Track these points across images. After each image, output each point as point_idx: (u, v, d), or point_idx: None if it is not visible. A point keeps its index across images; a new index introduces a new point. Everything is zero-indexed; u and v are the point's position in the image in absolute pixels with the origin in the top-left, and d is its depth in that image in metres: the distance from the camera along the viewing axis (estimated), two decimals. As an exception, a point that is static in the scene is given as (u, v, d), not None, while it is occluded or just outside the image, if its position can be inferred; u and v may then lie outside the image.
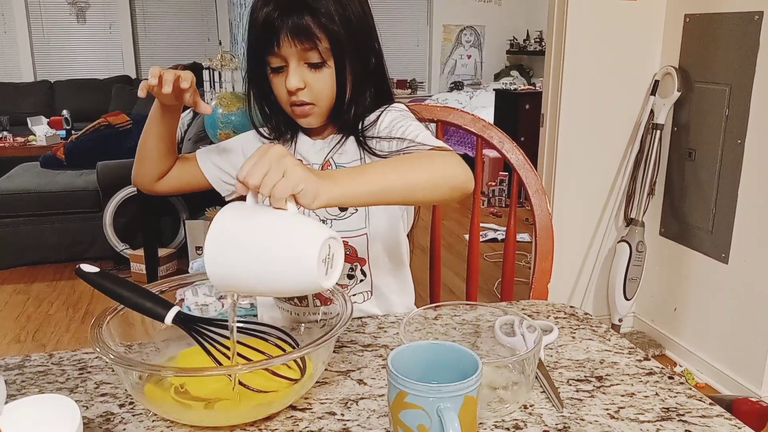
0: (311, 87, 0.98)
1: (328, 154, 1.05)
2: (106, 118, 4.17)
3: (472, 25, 6.91)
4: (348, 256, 1.05)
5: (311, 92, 0.98)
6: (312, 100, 0.99)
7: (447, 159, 0.85)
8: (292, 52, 0.95)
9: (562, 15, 2.42)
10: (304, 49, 0.95)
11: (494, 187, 4.82)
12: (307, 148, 1.09)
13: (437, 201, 0.93)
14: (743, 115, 2.15)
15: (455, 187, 0.84)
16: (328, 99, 1.00)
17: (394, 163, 0.82)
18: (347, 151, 1.05)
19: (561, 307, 1.01)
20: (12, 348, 2.73)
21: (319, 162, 1.06)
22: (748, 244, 2.19)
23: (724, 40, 2.22)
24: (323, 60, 0.96)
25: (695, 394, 0.75)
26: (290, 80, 0.96)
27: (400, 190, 0.80)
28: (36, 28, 6.31)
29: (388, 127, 1.01)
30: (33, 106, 5.90)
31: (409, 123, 0.99)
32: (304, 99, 0.99)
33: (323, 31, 0.95)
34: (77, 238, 3.65)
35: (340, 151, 1.05)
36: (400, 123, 1.00)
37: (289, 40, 0.94)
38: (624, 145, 2.56)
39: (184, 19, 6.56)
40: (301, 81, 0.97)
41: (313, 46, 0.95)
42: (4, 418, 0.60)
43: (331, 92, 0.99)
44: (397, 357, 0.64)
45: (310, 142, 1.09)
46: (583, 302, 2.65)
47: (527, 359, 0.70)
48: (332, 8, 0.95)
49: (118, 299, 0.73)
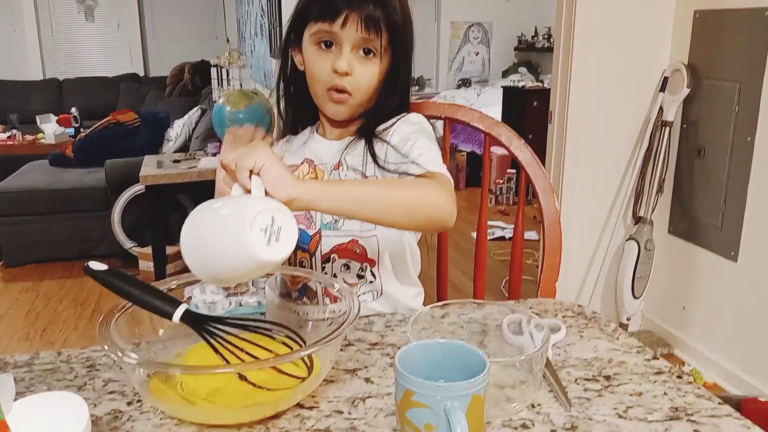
0: (356, 76, 0.98)
1: (342, 153, 1.05)
2: (115, 116, 4.19)
3: (480, 22, 6.88)
4: (358, 254, 1.04)
5: (354, 81, 0.98)
6: (352, 89, 0.99)
7: (435, 189, 0.86)
8: (353, 37, 0.96)
9: (570, 11, 2.41)
10: (364, 38, 0.96)
11: (502, 184, 4.81)
12: (322, 147, 1.08)
13: (414, 228, 0.94)
14: (753, 112, 2.13)
15: (434, 218, 0.85)
16: (366, 93, 1.00)
17: (379, 183, 0.83)
18: (357, 153, 1.05)
19: (569, 305, 1.00)
20: (21, 345, 2.75)
21: (333, 162, 1.06)
22: (757, 242, 2.17)
23: (733, 36, 2.21)
24: (378, 53, 0.97)
25: (704, 394, 0.75)
26: (341, 62, 0.96)
27: (377, 208, 0.80)
28: (45, 26, 6.34)
29: (402, 140, 1.00)
30: (42, 104, 5.94)
31: (418, 139, 0.99)
32: (345, 85, 0.98)
33: (388, 26, 0.96)
34: (86, 235, 3.67)
35: (353, 153, 1.05)
36: (411, 138, 0.99)
37: (357, 24, 0.94)
38: (633, 143, 2.55)
39: (192, 17, 6.58)
40: (350, 66, 0.97)
41: (376, 37, 0.96)
42: (13, 416, 0.61)
43: (372, 87, 1.00)
44: (405, 356, 0.64)
45: (325, 142, 1.09)
46: (591, 301, 2.64)
47: (535, 358, 0.70)
48: (398, 6, 0.97)
49: (126, 297, 0.73)
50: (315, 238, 1.05)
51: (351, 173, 1.04)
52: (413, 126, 1.03)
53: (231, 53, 3.77)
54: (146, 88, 6.06)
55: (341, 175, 1.04)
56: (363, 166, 1.03)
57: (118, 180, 3.55)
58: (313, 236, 1.05)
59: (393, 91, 1.03)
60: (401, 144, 1.00)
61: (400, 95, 1.05)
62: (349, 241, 1.04)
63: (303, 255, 1.06)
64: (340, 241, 1.04)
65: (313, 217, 1.05)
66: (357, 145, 1.05)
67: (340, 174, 1.04)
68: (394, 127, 1.03)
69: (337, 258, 1.05)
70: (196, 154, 3.41)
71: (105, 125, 4.14)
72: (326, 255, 1.05)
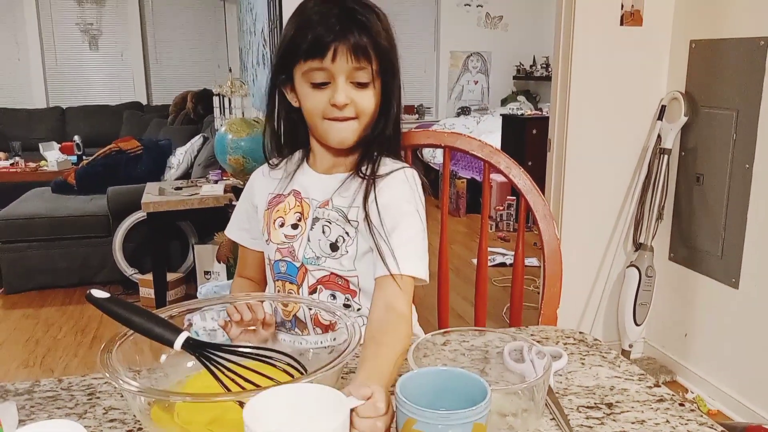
0: (355, 103, 0.99)
1: (333, 193, 1.05)
2: (117, 144, 4.22)
3: (479, 52, 6.96)
4: (341, 286, 1.06)
5: (355, 108, 0.99)
6: (356, 114, 1.00)
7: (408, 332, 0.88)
8: (345, 68, 0.96)
9: (568, 40, 2.44)
10: (356, 68, 0.96)
11: (502, 211, 4.82)
12: (311, 182, 1.08)
13: None
14: (751, 140, 2.15)
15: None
16: (369, 116, 1.01)
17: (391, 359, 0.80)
18: (347, 196, 1.04)
19: (570, 332, 1.00)
20: (20, 373, 2.73)
21: (321, 200, 1.06)
22: (758, 269, 2.17)
23: (730, 65, 2.24)
24: (371, 80, 0.98)
25: (707, 422, 0.74)
26: (338, 95, 0.97)
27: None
28: (49, 54, 6.42)
29: (392, 209, 1.00)
30: (45, 131, 5.98)
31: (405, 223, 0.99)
32: (347, 114, 0.99)
33: (376, 52, 0.97)
34: (87, 262, 3.67)
35: (343, 195, 1.05)
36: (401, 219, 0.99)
37: (347, 55, 0.95)
38: (632, 170, 2.56)
39: (195, 46, 6.66)
40: (348, 97, 0.98)
41: (367, 64, 0.97)
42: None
43: (373, 110, 1.01)
44: (406, 383, 0.64)
45: (315, 175, 1.08)
46: (593, 328, 2.63)
47: (537, 386, 0.70)
48: (382, 31, 0.98)
49: (127, 324, 0.73)
50: (301, 271, 1.06)
51: (334, 213, 1.04)
52: (408, 187, 1.03)
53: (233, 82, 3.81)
54: (149, 117, 6.10)
55: (325, 215, 1.04)
56: (347, 209, 1.04)
57: (119, 207, 3.56)
58: (299, 269, 1.06)
59: (387, 117, 1.04)
60: (389, 211, 0.99)
61: (393, 122, 1.05)
62: (330, 274, 1.05)
63: (291, 287, 1.08)
64: (323, 273, 1.06)
65: (296, 251, 1.06)
66: (349, 187, 1.04)
67: (325, 213, 1.05)
68: (391, 181, 1.03)
69: (323, 289, 1.06)
70: (198, 182, 3.43)
71: (107, 153, 4.16)
72: (313, 286, 1.06)
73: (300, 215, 1.06)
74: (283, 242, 1.07)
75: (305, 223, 1.06)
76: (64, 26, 6.39)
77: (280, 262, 1.08)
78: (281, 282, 1.09)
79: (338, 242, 1.04)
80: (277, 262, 1.08)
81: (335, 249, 1.04)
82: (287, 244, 1.07)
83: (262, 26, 3.93)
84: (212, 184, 3.29)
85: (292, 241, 1.06)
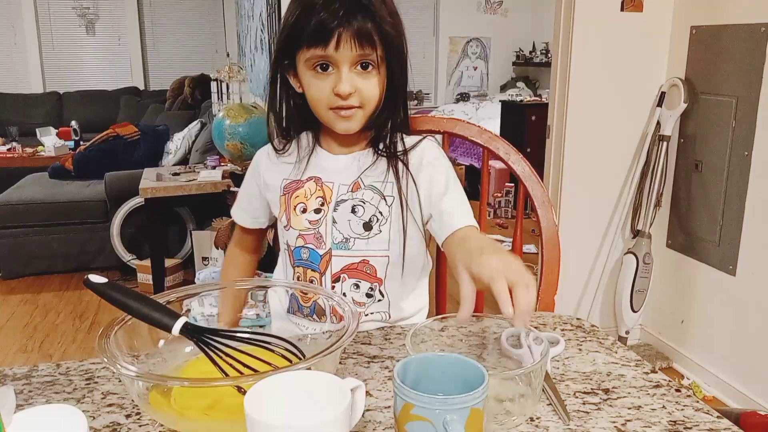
0: (360, 92, 0.97)
1: (359, 174, 1.04)
2: (115, 129, 4.20)
3: (478, 37, 6.93)
4: (368, 274, 1.04)
5: (360, 95, 0.97)
6: (360, 103, 0.98)
7: None
8: (348, 56, 0.94)
9: (568, 26, 2.43)
10: (360, 55, 0.94)
11: (500, 198, 4.82)
12: (330, 165, 1.06)
13: None
14: (750, 127, 2.15)
15: None
16: (374, 104, 0.99)
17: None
18: (378, 173, 1.04)
19: (567, 319, 1.00)
20: (18, 358, 2.74)
21: (348, 182, 1.04)
22: (755, 256, 2.18)
23: (730, 52, 2.23)
24: (376, 66, 0.96)
25: (702, 407, 0.75)
26: (342, 85, 0.95)
27: None
28: (45, 39, 6.38)
29: (432, 163, 1.04)
30: (42, 117, 5.96)
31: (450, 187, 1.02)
32: (352, 103, 0.97)
33: (381, 38, 0.95)
34: (84, 248, 3.67)
35: (372, 173, 1.04)
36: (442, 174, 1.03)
37: (351, 42, 0.93)
38: (630, 157, 2.56)
39: (193, 31, 6.61)
40: (352, 86, 0.95)
41: (372, 51, 0.95)
42: (12, 429, 0.61)
43: (378, 98, 0.99)
44: (404, 369, 0.64)
45: (333, 158, 1.06)
46: (590, 314, 2.64)
47: (534, 371, 0.70)
48: (386, 16, 0.95)
49: (125, 310, 0.73)
50: (325, 258, 1.04)
51: (369, 192, 1.03)
52: (440, 151, 1.06)
53: (231, 67, 3.79)
54: (146, 102, 6.08)
55: (361, 196, 1.03)
56: (382, 186, 1.02)
57: (117, 193, 3.55)
58: (323, 256, 1.04)
59: (394, 102, 1.02)
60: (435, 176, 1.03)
61: (404, 106, 1.05)
62: (359, 261, 1.03)
63: (313, 274, 1.06)
64: (350, 261, 1.03)
65: (324, 236, 1.04)
66: (377, 165, 1.03)
67: (357, 195, 1.03)
68: (421, 152, 1.04)
69: (347, 278, 1.04)
70: (196, 167, 3.42)
71: (105, 138, 4.15)
72: (336, 274, 1.04)
73: (322, 199, 1.04)
74: (308, 228, 1.05)
75: (328, 207, 1.04)
76: (61, 10, 6.35)
77: (302, 249, 1.05)
78: (302, 269, 1.07)
79: (372, 221, 1.02)
80: (298, 248, 1.06)
81: (368, 228, 1.02)
82: (312, 229, 1.04)
83: (260, 11, 3.91)
84: (210, 169, 3.28)
85: (317, 227, 1.04)
